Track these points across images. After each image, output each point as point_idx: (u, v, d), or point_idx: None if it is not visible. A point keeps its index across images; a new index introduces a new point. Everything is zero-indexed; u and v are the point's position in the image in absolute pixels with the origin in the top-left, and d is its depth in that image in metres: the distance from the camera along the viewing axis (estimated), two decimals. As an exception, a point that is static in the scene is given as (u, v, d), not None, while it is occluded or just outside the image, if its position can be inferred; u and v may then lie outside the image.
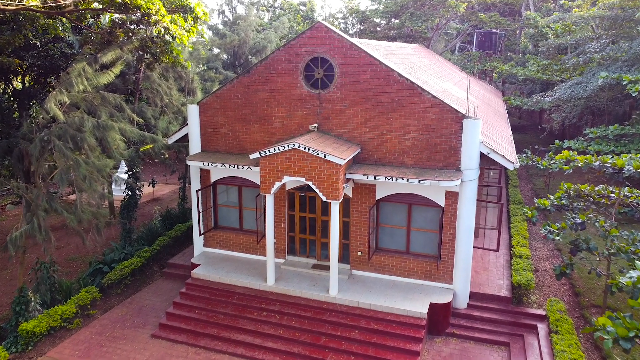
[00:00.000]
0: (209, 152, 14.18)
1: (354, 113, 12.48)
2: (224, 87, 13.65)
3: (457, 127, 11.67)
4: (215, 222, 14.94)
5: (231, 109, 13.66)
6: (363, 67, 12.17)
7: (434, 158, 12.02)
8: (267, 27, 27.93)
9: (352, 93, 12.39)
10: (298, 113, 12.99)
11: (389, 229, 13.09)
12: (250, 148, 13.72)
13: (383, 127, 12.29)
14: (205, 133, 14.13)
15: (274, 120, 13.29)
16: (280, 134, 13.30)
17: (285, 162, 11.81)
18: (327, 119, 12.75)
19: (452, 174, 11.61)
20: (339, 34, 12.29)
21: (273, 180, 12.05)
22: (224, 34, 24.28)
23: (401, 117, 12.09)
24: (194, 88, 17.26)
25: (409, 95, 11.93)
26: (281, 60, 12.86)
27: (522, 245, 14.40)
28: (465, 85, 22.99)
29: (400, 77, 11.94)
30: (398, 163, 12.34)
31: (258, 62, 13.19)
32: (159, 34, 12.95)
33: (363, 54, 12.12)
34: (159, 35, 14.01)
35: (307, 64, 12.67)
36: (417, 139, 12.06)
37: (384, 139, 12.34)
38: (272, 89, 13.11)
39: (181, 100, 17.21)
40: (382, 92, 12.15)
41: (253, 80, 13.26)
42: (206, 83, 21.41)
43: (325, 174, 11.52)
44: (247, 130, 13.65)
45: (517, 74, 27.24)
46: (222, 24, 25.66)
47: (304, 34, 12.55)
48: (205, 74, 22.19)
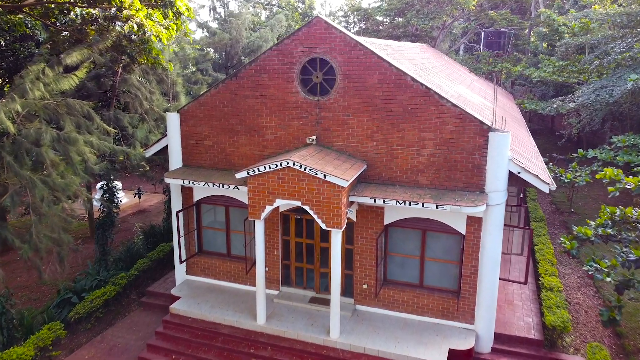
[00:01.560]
0: (191, 167, 12.32)
1: (358, 124, 10.63)
2: (208, 92, 11.79)
3: (481, 141, 9.82)
4: (199, 246, 13.07)
5: (216, 118, 11.81)
6: (370, 69, 10.32)
7: (453, 177, 10.16)
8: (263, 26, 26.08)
9: (357, 100, 10.54)
10: (293, 123, 11.14)
11: (399, 258, 11.24)
12: (238, 163, 11.87)
13: (393, 141, 10.44)
14: (186, 145, 12.28)
15: (266, 132, 11.44)
16: (273, 147, 11.45)
17: (277, 182, 9.96)
18: (327, 130, 10.90)
19: (475, 197, 9.76)
20: (341, 30, 10.44)
21: (263, 204, 10.20)
22: (214, 32, 22.40)
23: (414, 129, 10.24)
24: (176, 93, 15.45)
25: (424, 103, 10.08)
26: (273, 62, 11.01)
27: (551, 274, 12.54)
28: (479, 89, 21.15)
29: (414, 82, 10.09)
30: (411, 183, 10.48)
31: (247, 64, 11.34)
32: (131, 31, 11.11)
33: (369, 54, 10.27)
34: (136, 33, 12.16)
35: (303, 66, 10.82)
36: (433, 154, 10.20)
37: (394, 154, 10.49)
38: (263, 95, 11.26)
39: (164, 106, 15.35)
40: (392, 99, 10.30)
41: (241, 84, 11.41)
42: (194, 86, 19.54)
43: (324, 198, 9.67)
44: (234, 143, 11.80)
45: (531, 76, 25.37)
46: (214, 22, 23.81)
47: (300, 31, 10.70)
48: (193, 76, 20.34)
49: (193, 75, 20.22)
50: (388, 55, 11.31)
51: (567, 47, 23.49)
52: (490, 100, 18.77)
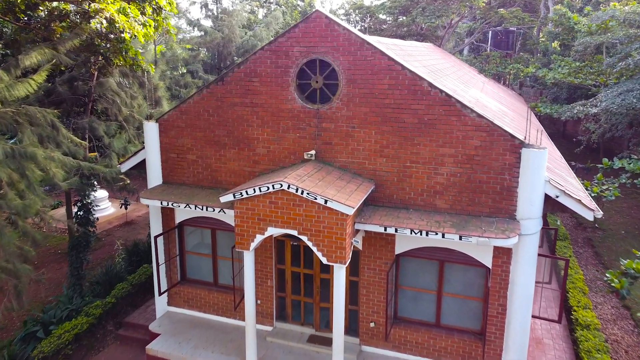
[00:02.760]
0: (172, 184, 10.73)
1: (365, 137, 9.04)
2: (191, 99, 10.20)
3: (512, 159, 8.23)
4: (183, 274, 11.47)
5: (200, 129, 10.22)
6: (379, 73, 8.73)
7: (478, 201, 8.57)
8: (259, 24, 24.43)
9: (364, 110, 8.95)
10: (289, 136, 9.56)
11: (412, 292, 9.65)
12: (225, 180, 10.29)
13: (406, 157, 8.85)
14: (167, 159, 10.68)
15: (257, 145, 9.85)
16: (265, 163, 9.86)
17: (269, 207, 8.37)
18: (329, 144, 9.31)
19: (505, 225, 8.17)
20: (345, 27, 8.85)
21: (253, 233, 8.61)
22: (205, 31, 20.78)
23: (432, 144, 8.65)
24: (158, 98, 13.86)
25: (443, 113, 8.49)
26: (265, 64, 9.42)
27: (585, 306, 10.95)
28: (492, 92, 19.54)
29: (431, 89, 8.50)
30: (427, 206, 8.89)
31: (234, 66, 9.74)
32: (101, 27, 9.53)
33: (379, 55, 8.68)
34: (107, 30, 10.55)
35: (301, 69, 9.24)
36: (454, 174, 8.61)
37: (407, 173, 8.90)
38: (253, 102, 9.67)
39: (147, 112, 13.75)
40: (405, 108, 8.71)
41: (229, 90, 9.82)
42: (183, 90, 17.91)
43: (326, 226, 8.09)
44: (221, 157, 10.21)
45: (545, 77, 23.77)
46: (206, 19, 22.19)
47: (297, 27, 9.11)
48: (182, 79, 18.69)
49: (182, 78, 18.54)
50: (397, 57, 9.72)
51: (585, 46, 21.89)
52: (508, 106, 17.17)
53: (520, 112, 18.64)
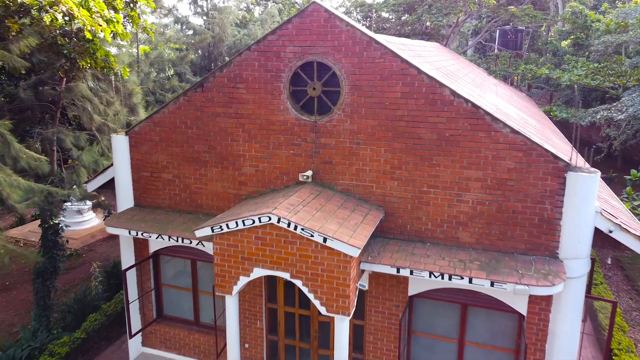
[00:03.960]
0: (146, 207, 9.17)
1: (373, 155, 7.47)
2: (166, 108, 8.63)
3: (555, 184, 6.67)
4: (159, 310, 9.90)
5: (177, 143, 8.66)
6: (390, 79, 7.17)
7: (511, 235, 7.01)
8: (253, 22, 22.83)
9: (371, 122, 7.38)
10: (281, 153, 7.99)
11: (428, 340, 8.07)
12: (207, 204, 8.72)
13: (423, 180, 7.29)
14: (139, 179, 9.12)
15: (243, 163, 8.28)
16: (253, 184, 8.30)
17: (255, 244, 6.81)
18: (329, 163, 7.74)
19: (547, 267, 6.62)
20: (349, 22, 7.28)
21: (236, 274, 7.05)
22: (193, 29, 19.19)
23: (455, 165, 7.08)
24: (133, 105, 12.27)
25: (469, 128, 6.92)
26: (253, 67, 7.86)
27: (627, 348, 9.38)
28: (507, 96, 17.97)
29: (454, 98, 6.93)
30: (448, 240, 7.33)
31: (216, 70, 8.17)
32: (53, 22, 7.97)
33: (389, 56, 7.12)
34: (69, 26, 8.99)
35: (295, 74, 7.68)
36: (482, 201, 7.05)
37: (424, 199, 7.34)
38: (239, 112, 8.11)
39: (124, 121, 12.18)
40: (421, 121, 7.14)
41: (209, 98, 8.26)
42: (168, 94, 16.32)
43: (325, 270, 6.53)
44: (201, 177, 8.64)
45: (560, 79, 22.19)
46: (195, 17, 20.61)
47: (290, 23, 7.54)
48: (168, 83, 17.07)
49: (168, 81, 16.90)
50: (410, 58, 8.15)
51: (607, 45, 20.31)
52: (527, 112, 15.61)
53: (541, 118, 17.08)
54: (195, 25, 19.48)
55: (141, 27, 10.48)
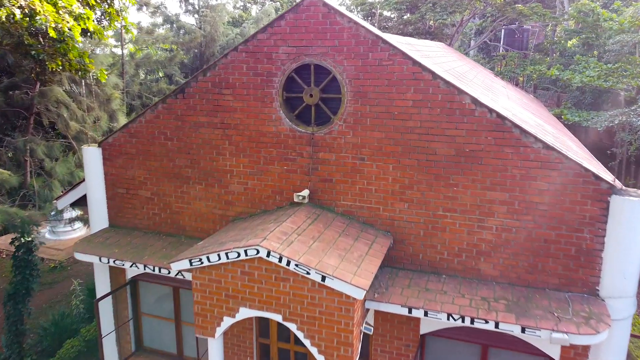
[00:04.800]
0: (122, 228, 8.13)
1: (380, 173, 6.43)
2: (142, 117, 7.59)
3: (596, 210, 5.63)
4: (138, 342, 8.84)
5: (156, 157, 7.62)
6: (400, 84, 6.13)
7: (542, 268, 5.97)
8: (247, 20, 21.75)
9: (377, 135, 6.34)
10: (273, 169, 6.95)
11: (443, 384, 7.03)
12: (190, 226, 7.68)
13: (438, 203, 6.24)
14: (114, 196, 8.08)
15: (230, 180, 7.24)
16: (242, 204, 7.25)
17: (241, 280, 5.77)
18: (328, 181, 6.70)
19: (587, 307, 5.58)
20: (351, 18, 6.24)
21: (219, 314, 6.00)
22: (182, 27, 18.11)
23: (476, 185, 6.04)
24: (112, 111, 11.19)
25: (493, 142, 5.88)
26: (240, 71, 6.81)
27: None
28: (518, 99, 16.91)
29: (476, 107, 5.89)
30: (467, 272, 6.29)
31: (198, 74, 7.13)
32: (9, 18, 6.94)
33: (399, 58, 6.08)
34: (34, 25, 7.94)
35: (289, 78, 6.64)
36: (507, 228, 6.01)
37: (439, 224, 6.30)
38: (225, 122, 7.07)
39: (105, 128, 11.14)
40: (437, 134, 6.10)
41: (191, 106, 7.21)
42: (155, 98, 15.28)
43: (323, 312, 5.48)
44: (183, 195, 7.60)
45: (571, 81, 21.14)
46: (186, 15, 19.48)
47: (283, 19, 6.49)
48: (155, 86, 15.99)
49: (156, 84, 15.78)
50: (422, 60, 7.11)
51: (622, 45, 19.26)
52: (541, 117, 14.56)
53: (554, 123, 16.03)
54: (185, 24, 18.41)
55: (120, 25, 9.41)
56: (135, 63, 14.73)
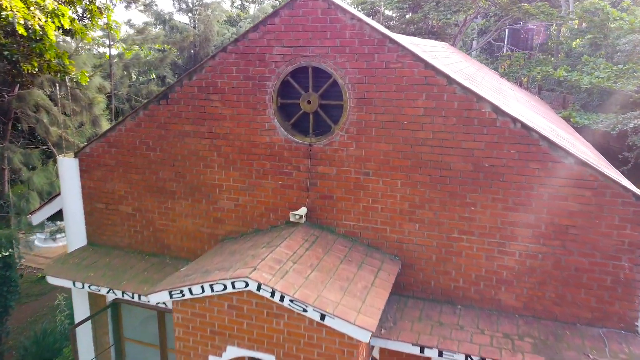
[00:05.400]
0: (101, 247, 7.39)
1: (387, 190, 5.69)
2: (122, 124, 6.85)
3: (637, 234, 4.89)
4: (121, 370, 8.10)
5: (137, 169, 6.88)
6: (410, 89, 5.39)
7: (572, 300, 5.23)
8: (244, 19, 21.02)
9: (384, 147, 5.60)
10: (267, 184, 6.21)
11: None
12: (175, 245, 6.95)
13: (453, 224, 5.51)
14: (92, 211, 7.34)
15: (219, 196, 6.51)
16: (232, 222, 6.52)
17: (229, 315, 5.03)
18: (328, 198, 5.96)
19: (625, 347, 4.84)
20: (354, 14, 5.50)
21: (204, 352, 5.26)
22: (174, 26, 17.36)
23: (496, 205, 5.30)
24: (96, 116, 10.42)
25: (517, 156, 5.14)
26: (230, 74, 6.08)
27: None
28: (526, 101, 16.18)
29: (497, 116, 5.16)
30: (485, 303, 5.55)
31: (183, 77, 6.39)
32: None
33: (409, 60, 5.34)
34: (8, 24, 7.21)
35: (284, 83, 5.90)
36: (533, 254, 5.27)
37: (453, 248, 5.56)
38: (213, 132, 6.33)
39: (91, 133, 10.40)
40: (452, 146, 5.36)
41: (176, 113, 6.48)
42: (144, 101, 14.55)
43: (322, 354, 4.74)
44: (168, 212, 6.87)
45: (580, 82, 20.43)
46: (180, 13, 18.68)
47: (277, 15, 5.75)
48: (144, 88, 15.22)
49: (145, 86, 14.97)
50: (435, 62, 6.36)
51: (635, 45, 18.54)
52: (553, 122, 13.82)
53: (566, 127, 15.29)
54: (177, 22, 17.65)
55: (103, 24, 8.68)
56: (123, 64, 13.97)
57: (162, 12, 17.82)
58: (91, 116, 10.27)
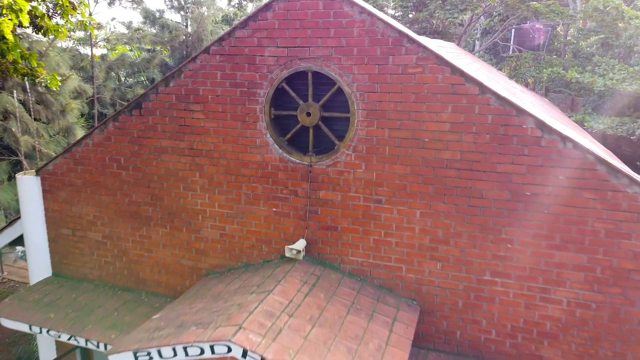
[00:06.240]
0: (68, 280, 6.39)
1: (403, 221, 4.69)
2: (89, 138, 5.85)
3: None
4: (92, 418, 7.10)
5: (108, 190, 5.88)
6: (431, 100, 4.39)
7: (632, 356, 4.23)
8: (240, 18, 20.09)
9: (399, 169, 4.60)
10: (258, 211, 5.21)
11: None
12: (151, 280, 5.94)
13: (484, 264, 4.50)
14: (57, 237, 6.34)
15: (202, 223, 5.50)
16: (218, 255, 5.52)
17: (208, 384, 4.01)
18: (332, 229, 4.96)
19: None
20: (364, 7, 4.49)
21: None
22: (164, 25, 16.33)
23: (539, 242, 4.30)
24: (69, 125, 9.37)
25: (566, 183, 4.14)
26: (214, 79, 5.08)
27: None
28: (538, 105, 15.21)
29: (542, 134, 4.15)
30: (523, 359, 4.55)
31: (159, 83, 5.38)
32: None
33: (432, 63, 4.34)
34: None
35: (278, 91, 4.90)
36: (585, 303, 4.27)
37: (484, 292, 4.56)
38: (195, 148, 5.33)
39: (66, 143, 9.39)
40: (484, 169, 4.36)
41: (150, 125, 5.48)
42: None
43: None
44: (143, 240, 5.86)
45: (594, 84, 19.45)
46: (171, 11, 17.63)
47: (269, 9, 4.74)
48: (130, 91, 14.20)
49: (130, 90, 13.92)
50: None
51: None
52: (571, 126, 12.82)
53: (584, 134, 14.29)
54: (167, 21, 16.62)
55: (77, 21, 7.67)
56: (107, 66, 12.92)
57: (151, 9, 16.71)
58: (64, 125, 9.25)
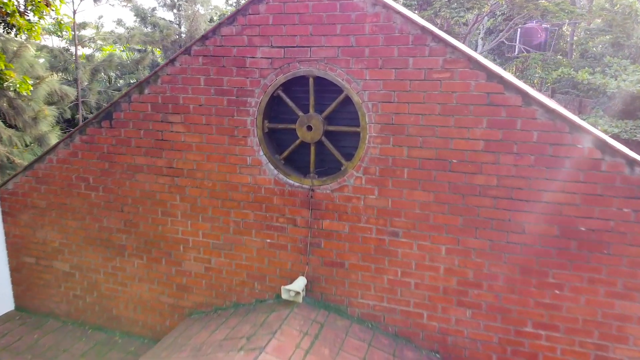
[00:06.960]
0: (32, 314, 5.55)
1: (424, 259, 3.85)
2: (53, 154, 5.01)
3: None
4: None
5: (75, 213, 5.04)
6: (462, 112, 3.54)
7: None
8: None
9: (421, 196, 3.76)
10: (250, 242, 4.37)
11: None
12: (127, 318, 5.10)
13: (526, 312, 3.66)
14: (19, 267, 5.50)
15: (185, 255, 4.66)
16: (202, 292, 4.68)
17: None
18: (338, 266, 4.12)
19: None
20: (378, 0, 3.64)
21: None
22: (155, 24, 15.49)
23: (597, 289, 3.46)
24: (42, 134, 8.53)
25: (633, 217, 3.29)
26: (196, 85, 4.24)
27: None
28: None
29: (602, 156, 3.31)
30: None
31: (132, 89, 4.55)
32: None
33: (462, 67, 3.50)
34: None
35: (273, 99, 4.06)
36: (653, 365, 3.43)
37: (525, 347, 3.72)
38: (174, 167, 4.49)
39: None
40: (528, 199, 3.51)
41: (123, 139, 4.64)
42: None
43: None
44: (116, 273, 5.03)
45: (607, 86, 18.65)
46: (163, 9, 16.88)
47: (263, 1, 3.91)
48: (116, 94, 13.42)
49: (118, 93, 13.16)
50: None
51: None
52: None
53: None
54: (157, 19, 15.79)
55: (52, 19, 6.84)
56: (93, 67, 12.07)
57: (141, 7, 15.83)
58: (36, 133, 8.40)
